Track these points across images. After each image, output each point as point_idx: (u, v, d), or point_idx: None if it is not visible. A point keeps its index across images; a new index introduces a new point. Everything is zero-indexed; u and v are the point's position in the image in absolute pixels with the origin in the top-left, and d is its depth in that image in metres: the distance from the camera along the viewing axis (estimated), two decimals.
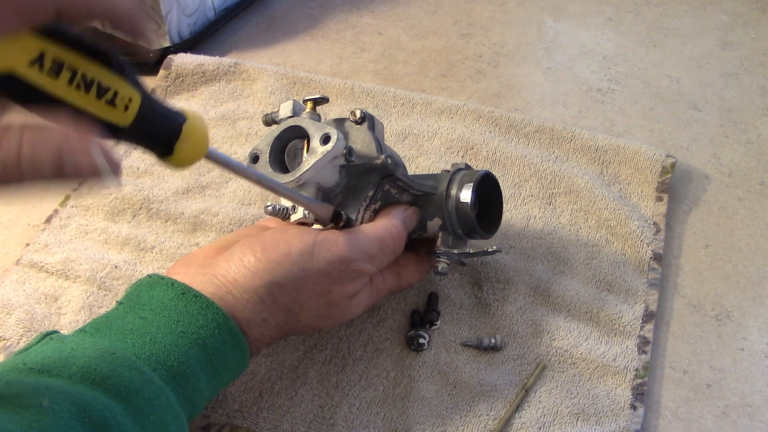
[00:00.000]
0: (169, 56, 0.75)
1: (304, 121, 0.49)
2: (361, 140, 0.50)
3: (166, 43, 0.77)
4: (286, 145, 0.51)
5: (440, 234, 0.52)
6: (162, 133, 0.34)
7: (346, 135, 0.51)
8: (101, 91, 0.30)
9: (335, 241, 0.46)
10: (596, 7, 0.88)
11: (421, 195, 0.52)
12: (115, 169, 0.29)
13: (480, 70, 0.79)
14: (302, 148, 0.50)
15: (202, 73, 0.74)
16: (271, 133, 0.50)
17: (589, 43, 0.83)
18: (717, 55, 0.81)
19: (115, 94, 0.30)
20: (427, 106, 0.71)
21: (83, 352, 0.39)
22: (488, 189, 0.53)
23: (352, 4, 0.88)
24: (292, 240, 0.46)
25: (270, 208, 0.49)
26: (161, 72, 0.74)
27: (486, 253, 0.53)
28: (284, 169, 0.50)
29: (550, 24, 0.86)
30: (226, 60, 0.76)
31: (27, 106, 0.28)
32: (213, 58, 0.76)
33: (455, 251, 0.52)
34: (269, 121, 0.52)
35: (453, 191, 0.51)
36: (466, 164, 0.54)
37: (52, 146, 0.27)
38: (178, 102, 0.73)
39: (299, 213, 0.48)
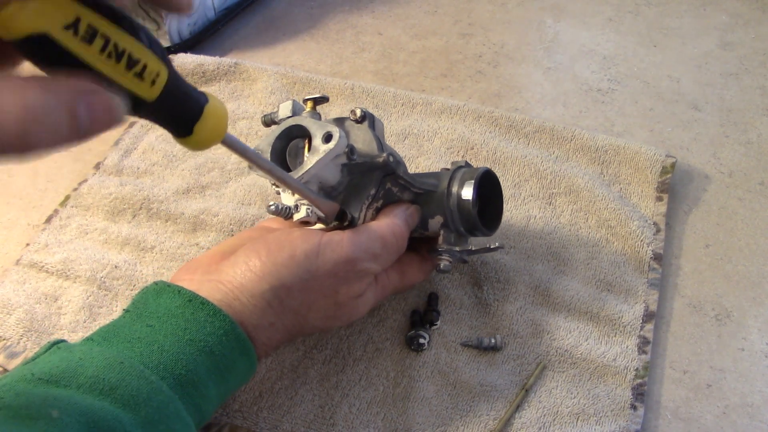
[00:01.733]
0: (169, 56, 0.75)
1: (305, 120, 0.49)
2: (361, 139, 0.50)
3: (166, 43, 0.78)
4: (288, 145, 0.50)
5: (442, 232, 0.52)
6: (184, 112, 0.33)
7: (347, 134, 0.51)
8: (131, 63, 0.29)
9: (340, 242, 0.46)
10: (596, 7, 0.88)
11: (422, 193, 0.52)
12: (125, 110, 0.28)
13: (480, 70, 0.79)
14: (304, 147, 0.50)
15: (202, 73, 0.74)
16: (272, 133, 0.50)
17: (589, 43, 0.83)
18: (717, 55, 0.81)
19: (144, 67, 0.30)
20: (427, 106, 0.71)
21: (91, 361, 0.38)
22: (489, 186, 0.53)
23: (352, 4, 0.88)
24: (296, 242, 0.45)
25: (273, 207, 0.49)
26: None
27: (488, 249, 0.53)
28: (286, 169, 0.50)
29: (550, 24, 0.86)
30: (226, 60, 0.76)
31: (50, 71, 0.28)
32: (213, 58, 0.76)
33: (457, 249, 0.52)
34: (269, 121, 0.52)
35: (454, 189, 0.51)
36: (466, 162, 0.54)
37: (67, 92, 0.25)
38: None
39: (302, 212, 0.48)
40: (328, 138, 0.47)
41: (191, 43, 0.80)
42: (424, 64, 0.80)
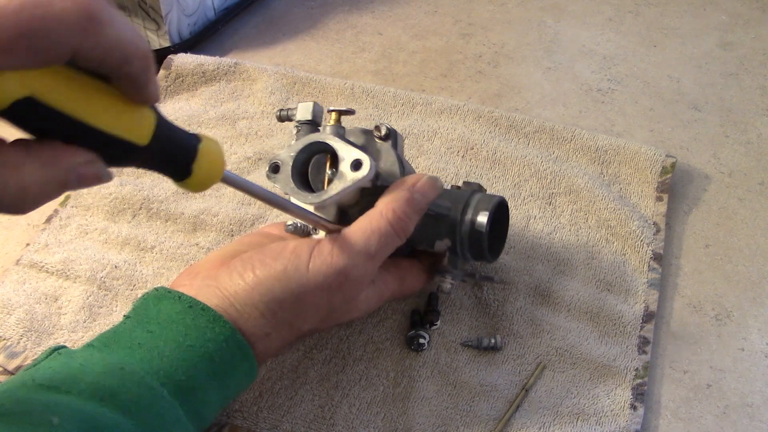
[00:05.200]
0: (169, 56, 0.75)
1: (334, 140, 0.47)
2: (384, 158, 0.49)
3: (166, 43, 0.77)
4: (310, 158, 0.49)
5: (448, 254, 0.51)
6: (178, 154, 0.33)
7: (371, 154, 0.48)
8: (119, 112, 0.30)
9: (330, 253, 0.44)
10: (596, 7, 0.88)
11: (434, 215, 0.50)
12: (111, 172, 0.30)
13: (480, 70, 0.79)
14: (326, 164, 0.48)
15: (202, 73, 0.74)
16: (294, 145, 0.48)
17: (589, 43, 0.83)
18: (717, 55, 0.81)
19: (133, 114, 0.30)
20: (427, 106, 0.71)
21: (92, 367, 0.39)
22: (499, 212, 0.53)
23: (352, 4, 0.88)
24: (289, 256, 0.45)
25: (291, 227, 0.48)
26: (161, 72, 0.74)
27: (493, 280, 0.54)
28: (306, 183, 0.49)
29: (550, 24, 0.86)
30: (226, 60, 0.76)
31: (37, 135, 0.28)
32: (213, 58, 0.76)
33: (460, 272, 0.52)
34: (284, 117, 0.51)
35: (468, 217, 0.49)
36: (480, 185, 0.53)
37: (63, 168, 0.28)
38: (178, 102, 0.73)
39: (321, 233, 0.48)
40: (357, 166, 0.45)
41: (191, 43, 0.80)
42: (424, 64, 0.80)
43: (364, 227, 0.46)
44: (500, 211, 0.52)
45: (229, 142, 0.69)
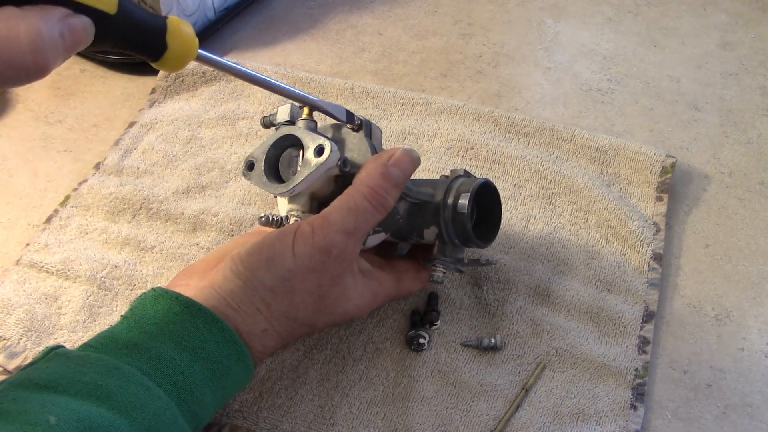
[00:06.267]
0: None
1: (298, 130, 0.49)
2: (357, 148, 0.50)
3: None
4: (281, 153, 0.50)
5: (437, 242, 0.51)
6: (149, 24, 0.35)
7: (341, 143, 0.50)
8: None
9: (311, 233, 0.45)
10: (596, 7, 0.88)
11: (418, 203, 0.51)
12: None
13: (480, 70, 0.79)
14: (297, 156, 0.49)
15: (202, 73, 0.74)
16: (266, 141, 0.50)
17: (589, 43, 0.83)
18: (717, 55, 0.81)
19: None
20: (427, 106, 0.71)
21: (89, 367, 0.39)
22: (487, 197, 0.52)
23: (352, 4, 0.88)
24: (274, 244, 0.46)
25: (264, 219, 0.49)
26: (161, 72, 0.74)
27: (480, 263, 0.53)
28: (279, 178, 0.50)
29: (550, 24, 0.86)
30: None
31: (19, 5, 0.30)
32: None
33: (451, 260, 0.51)
34: (267, 123, 0.52)
35: (449, 201, 0.50)
36: (465, 171, 0.53)
37: (56, 18, 0.31)
38: (178, 102, 0.73)
39: (292, 222, 0.48)
40: (320, 151, 0.46)
41: None
42: (424, 64, 0.80)
43: (340, 205, 0.46)
44: (486, 194, 0.52)
45: (229, 142, 0.69)
